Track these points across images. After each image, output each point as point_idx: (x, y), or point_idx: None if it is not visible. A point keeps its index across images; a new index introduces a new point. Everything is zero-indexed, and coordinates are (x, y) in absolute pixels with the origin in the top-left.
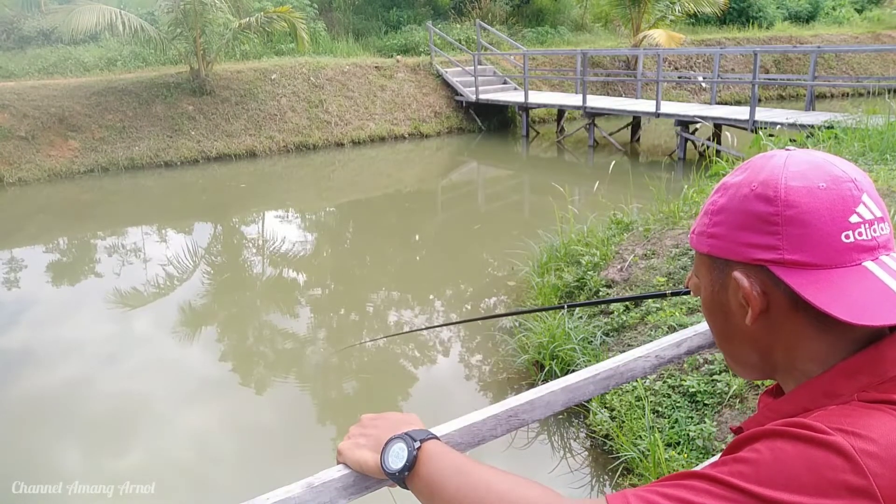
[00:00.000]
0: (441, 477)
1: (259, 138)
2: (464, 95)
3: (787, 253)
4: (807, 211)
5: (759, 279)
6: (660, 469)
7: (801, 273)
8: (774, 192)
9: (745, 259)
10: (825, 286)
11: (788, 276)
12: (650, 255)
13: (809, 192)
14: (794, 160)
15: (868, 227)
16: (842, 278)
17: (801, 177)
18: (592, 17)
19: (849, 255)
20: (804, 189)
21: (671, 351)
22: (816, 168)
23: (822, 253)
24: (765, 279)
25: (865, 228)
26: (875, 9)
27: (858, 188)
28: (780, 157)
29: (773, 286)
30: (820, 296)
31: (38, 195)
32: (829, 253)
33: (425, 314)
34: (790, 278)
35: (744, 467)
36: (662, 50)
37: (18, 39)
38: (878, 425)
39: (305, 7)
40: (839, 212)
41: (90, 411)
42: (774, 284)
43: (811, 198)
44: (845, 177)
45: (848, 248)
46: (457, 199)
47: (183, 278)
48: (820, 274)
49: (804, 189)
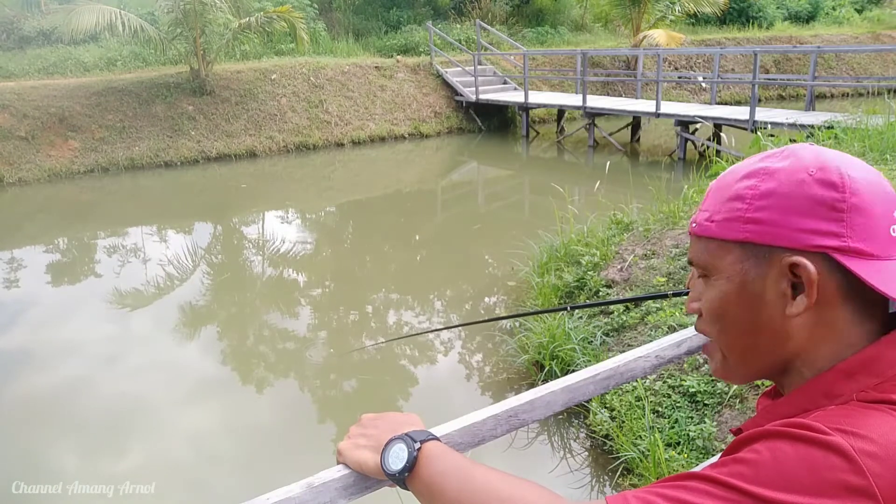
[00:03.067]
0: (441, 478)
1: (259, 138)
2: (464, 95)
3: (852, 241)
4: (868, 201)
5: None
6: (660, 469)
7: (862, 262)
8: (840, 178)
9: (802, 245)
10: (887, 276)
11: (853, 263)
12: (650, 255)
13: (868, 182)
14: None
15: None
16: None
17: (854, 167)
18: (592, 18)
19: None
20: (863, 180)
21: (671, 351)
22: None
23: (878, 244)
24: (821, 267)
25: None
26: (875, 9)
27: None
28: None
29: (828, 275)
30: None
31: (38, 195)
32: (882, 244)
33: (425, 314)
34: (856, 266)
35: (743, 468)
36: (662, 50)
37: (18, 39)
38: (877, 425)
39: (305, 7)
40: (888, 205)
41: (90, 411)
42: (829, 273)
43: (870, 188)
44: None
45: (893, 241)
46: (457, 200)
47: (183, 278)
48: (879, 264)
49: (863, 180)
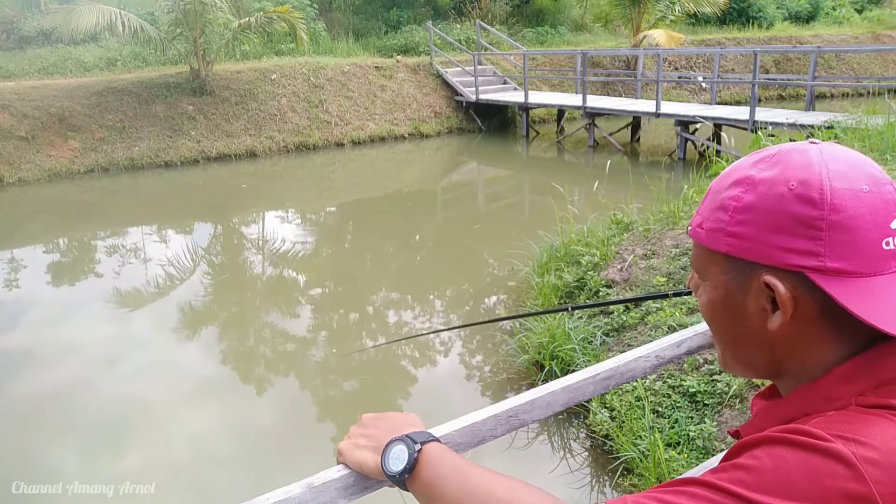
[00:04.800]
0: (441, 480)
1: (259, 138)
2: (464, 95)
3: (829, 260)
4: (852, 216)
5: (791, 284)
6: (660, 469)
7: (840, 281)
8: (819, 195)
9: (778, 264)
10: (866, 296)
11: (828, 284)
12: (650, 255)
13: (854, 196)
14: (831, 157)
15: None
16: (882, 287)
17: (843, 178)
18: (592, 18)
19: (888, 262)
20: (849, 192)
21: (671, 351)
22: (856, 168)
23: (863, 260)
24: (797, 285)
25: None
26: (875, 9)
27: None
28: (815, 151)
29: (806, 293)
30: (863, 306)
31: (38, 195)
32: (869, 260)
33: (425, 314)
34: (831, 287)
35: (743, 474)
36: (662, 50)
37: (18, 39)
38: (878, 432)
39: (305, 7)
40: (882, 217)
41: (90, 411)
42: (808, 291)
43: (856, 201)
44: (884, 178)
45: (888, 256)
46: (457, 200)
47: (183, 278)
48: (861, 283)
49: (849, 192)
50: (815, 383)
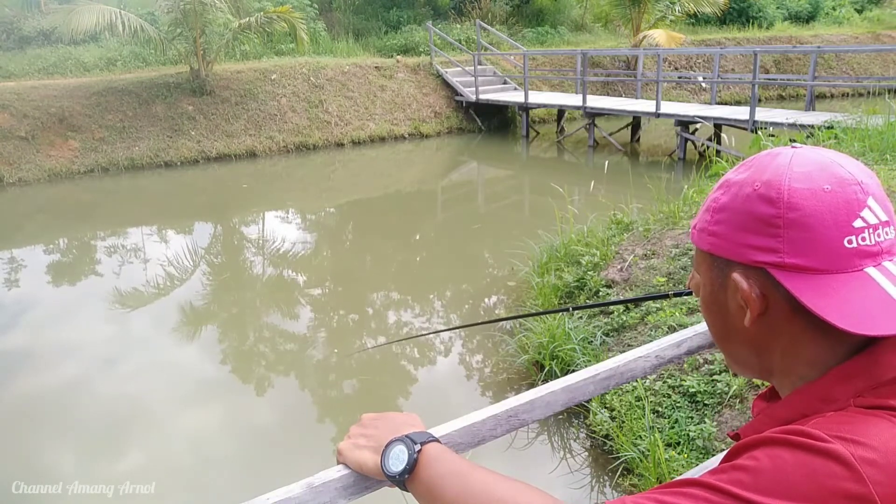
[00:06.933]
0: (441, 481)
1: (259, 138)
2: (464, 95)
3: (788, 256)
4: (809, 214)
5: (759, 281)
6: (660, 469)
7: (801, 277)
8: (777, 194)
9: (745, 260)
10: (825, 292)
11: (788, 280)
12: (650, 255)
13: (813, 195)
14: (799, 159)
15: (872, 231)
16: (842, 284)
17: (805, 178)
18: (592, 18)
19: (850, 260)
20: (808, 191)
21: (671, 351)
22: (822, 169)
23: (823, 258)
24: (764, 281)
25: (869, 233)
26: (875, 9)
27: (864, 191)
28: (786, 155)
29: (773, 289)
30: (818, 301)
31: (38, 195)
32: (830, 258)
33: (426, 314)
34: (789, 282)
35: (743, 475)
36: (662, 50)
37: (18, 39)
38: (877, 433)
39: (305, 7)
40: (843, 216)
41: (90, 411)
42: (774, 287)
43: (815, 201)
44: (851, 179)
45: (850, 254)
46: (457, 200)
47: (183, 278)
48: (820, 279)
49: (808, 191)
50: (812, 384)
